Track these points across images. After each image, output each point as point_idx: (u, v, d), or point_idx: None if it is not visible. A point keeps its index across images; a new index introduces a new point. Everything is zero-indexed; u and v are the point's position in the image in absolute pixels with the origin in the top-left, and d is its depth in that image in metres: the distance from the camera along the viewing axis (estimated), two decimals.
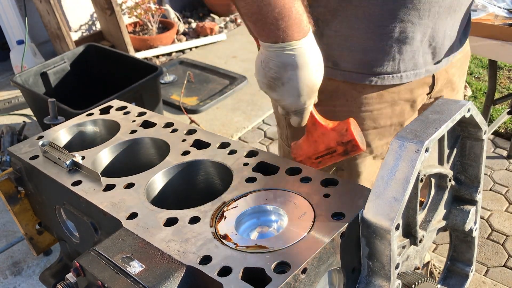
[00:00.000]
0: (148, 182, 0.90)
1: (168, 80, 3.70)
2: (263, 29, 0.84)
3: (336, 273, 0.75)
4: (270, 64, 0.87)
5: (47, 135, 1.12)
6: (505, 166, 2.57)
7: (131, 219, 0.80)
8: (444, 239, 2.15)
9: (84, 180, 0.92)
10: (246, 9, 0.83)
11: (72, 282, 0.76)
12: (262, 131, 3.08)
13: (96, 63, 3.11)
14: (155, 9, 4.27)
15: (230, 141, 0.98)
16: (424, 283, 0.80)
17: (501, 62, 3.27)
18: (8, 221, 2.53)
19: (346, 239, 0.72)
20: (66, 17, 4.06)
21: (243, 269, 0.66)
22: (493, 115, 2.89)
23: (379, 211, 0.70)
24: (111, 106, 1.21)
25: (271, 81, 0.89)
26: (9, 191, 1.10)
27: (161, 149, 1.03)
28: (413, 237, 0.80)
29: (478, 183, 0.89)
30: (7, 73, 3.99)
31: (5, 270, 2.25)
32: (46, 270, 1.17)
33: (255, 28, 0.85)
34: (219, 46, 4.24)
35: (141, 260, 0.71)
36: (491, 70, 2.38)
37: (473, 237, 0.95)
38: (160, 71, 2.75)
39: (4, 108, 3.52)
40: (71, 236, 1.03)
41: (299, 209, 0.76)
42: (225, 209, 0.79)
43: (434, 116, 0.75)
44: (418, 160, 0.69)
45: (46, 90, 2.94)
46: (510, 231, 2.20)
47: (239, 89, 3.52)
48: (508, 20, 1.79)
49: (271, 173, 0.86)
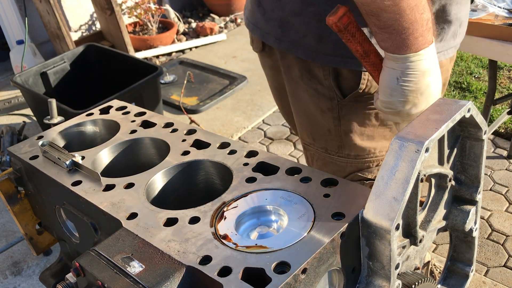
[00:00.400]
0: (148, 182, 0.90)
1: (168, 80, 3.70)
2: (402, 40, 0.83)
3: (336, 273, 0.75)
4: (410, 77, 0.86)
5: (47, 135, 1.12)
6: (505, 166, 2.57)
7: (131, 219, 0.80)
8: (444, 239, 2.15)
9: (84, 180, 0.92)
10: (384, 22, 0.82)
11: (72, 282, 0.76)
12: (262, 131, 3.08)
13: (96, 63, 3.10)
14: (155, 9, 4.27)
15: (230, 141, 0.98)
16: (424, 283, 0.80)
17: (501, 62, 3.27)
18: (8, 221, 2.53)
19: (346, 239, 0.72)
20: (66, 17, 4.06)
21: (243, 269, 0.66)
22: (493, 115, 2.89)
23: (379, 211, 0.70)
24: (111, 106, 1.21)
25: (409, 95, 0.87)
26: (9, 191, 1.10)
27: (161, 149, 1.03)
28: (413, 237, 0.80)
29: (478, 183, 0.89)
30: (7, 73, 3.99)
31: (5, 270, 2.25)
32: (46, 270, 1.17)
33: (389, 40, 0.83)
34: (219, 46, 4.24)
35: (141, 260, 0.71)
36: (491, 70, 2.39)
37: (473, 237, 0.95)
38: (160, 71, 2.75)
39: (4, 108, 3.52)
40: (71, 236, 1.03)
41: (299, 209, 0.76)
42: (225, 209, 0.79)
43: (434, 116, 0.75)
44: (418, 160, 0.69)
45: (46, 90, 2.94)
46: (510, 231, 2.20)
47: (239, 89, 3.52)
48: (508, 20, 1.79)
49: (271, 173, 0.86)
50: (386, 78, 0.89)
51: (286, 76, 1.16)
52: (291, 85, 1.16)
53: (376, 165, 1.17)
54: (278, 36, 1.08)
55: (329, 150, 1.18)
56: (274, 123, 3.12)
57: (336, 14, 0.85)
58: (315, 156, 1.23)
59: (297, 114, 1.22)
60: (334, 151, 1.17)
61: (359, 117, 1.11)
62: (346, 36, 0.88)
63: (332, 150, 1.17)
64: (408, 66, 0.86)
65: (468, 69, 3.42)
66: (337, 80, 1.06)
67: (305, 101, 1.14)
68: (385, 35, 0.84)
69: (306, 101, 1.14)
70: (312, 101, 1.12)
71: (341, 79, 1.06)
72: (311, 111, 1.15)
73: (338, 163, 1.18)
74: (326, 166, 1.21)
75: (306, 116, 1.18)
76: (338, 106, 1.09)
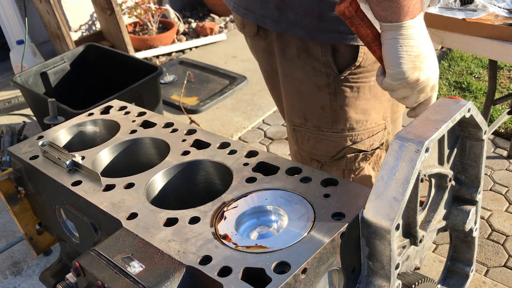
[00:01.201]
0: (148, 182, 0.90)
1: (168, 80, 3.70)
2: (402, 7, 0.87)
3: (336, 273, 0.75)
4: (412, 42, 0.90)
5: (47, 135, 1.12)
6: (505, 166, 2.57)
7: (131, 219, 0.80)
8: (444, 239, 2.15)
9: (84, 180, 0.92)
10: None
11: (72, 282, 0.76)
12: (262, 131, 3.08)
13: (96, 63, 3.10)
14: (155, 9, 4.27)
15: (230, 141, 0.98)
16: (424, 283, 0.80)
17: (501, 62, 3.27)
18: (8, 221, 2.53)
19: (346, 239, 0.72)
20: (66, 17, 4.06)
21: (243, 269, 0.66)
22: (493, 115, 2.89)
23: (379, 211, 0.70)
24: (111, 106, 1.21)
25: (415, 60, 0.91)
26: (9, 191, 1.10)
27: (161, 149, 1.03)
28: (413, 237, 0.80)
29: (478, 183, 0.89)
30: (7, 73, 3.99)
31: (5, 270, 2.25)
32: (46, 270, 1.17)
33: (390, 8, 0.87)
34: (219, 46, 4.24)
35: (141, 260, 0.71)
36: (491, 70, 2.38)
37: (473, 237, 0.95)
38: (160, 71, 2.75)
39: (4, 108, 3.52)
40: (71, 236, 1.03)
41: (299, 209, 0.76)
42: (225, 209, 0.79)
43: (434, 116, 0.75)
44: (418, 160, 0.69)
45: (46, 90, 2.94)
46: (510, 231, 2.20)
47: (239, 89, 3.52)
48: (508, 20, 1.79)
49: (271, 173, 0.86)
50: (390, 49, 0.91)
51: (280, 58, 1.19)
52: (285, 65, 1.19)
53: (367, 137, 1.23)
54: (275, 18, 1.12)
55: (322, 127, 1.22)
56: (274, 123, 3.12)
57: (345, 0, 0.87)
58: (305, 136, 1.26)
59: (289, 95, 1.25)
60: (328, 128, 1.21)
61: (354, 91, 1.16)
62: (357, 21, 0.90)
63: (325, 127, 1.21)
64: (409, 32, 0.89)
65: (468, 69, 3.42)
66: (334, 56, 1.11)
67: (300, 80, 1.18)
68: (386, 3, 0.87)
69: (301, 80, 1.18)
70: (308, 79, 1.16)
71: (338, 55, 1.11)
72: (306, 90, 1.19)
73: (332, 139, 1.22)
74: (318, 144, 1.25)
75: (299, 96, 1.22)
76: (334, 81, 1.14)
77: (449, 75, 3.37)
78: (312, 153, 1.28)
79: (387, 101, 1.21)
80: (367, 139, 1.23)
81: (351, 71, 1.13)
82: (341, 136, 1.21)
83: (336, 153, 1.23)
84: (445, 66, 3.48)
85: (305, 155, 1.31)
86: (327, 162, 1.27)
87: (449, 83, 3.30)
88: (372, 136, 1.23)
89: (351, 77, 1.14)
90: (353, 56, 1.10)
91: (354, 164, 1.25)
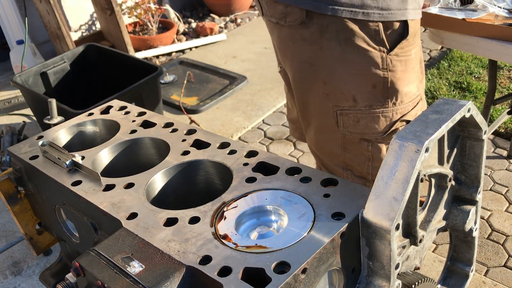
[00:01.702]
0: (148, 182, 0.90)
1: (168, 80, 3.70)
2: None
3: (336, 273, 0.75)
4: None
5: (47, 135, 1.12)
6: (505, 166, 2.57)
7: (131, 219, 0.80)
8: (444, 239, 2.15)
9: (84, 180, 0.92)
10: None
11: (72, 282, 0.76)
12: (262, 131, 3.08)
13: (96, 63, 3.10)
14: (155, 9, 4.27)
15: (230, 141, 0.98)
16: (424, 283, 0.80)
17: (501, 62, 3.27)
18: (8, 221, 2.53)
19: (346, 239, 0.72)
20: (66, 17, 4.06)
21: (243, 269, 0.66)
22: (493, 115, 2.89)
23: (379, 211, 0.70)
24: (111, 106, 1.21)
25: None
26: (9, 191, 1.10)
27: (161, 149, 1.03)
28: (413, 237, 0.80)
29: (478, 183, 0.89)
30: (7, 73, 3.99)
31: (5, 270, 2.25)
32: (46, 270, 1.17)
33: None
34: (219, 46, 4.24)
35: (141, 260, 0.71)
36: (491, 70, 2.38)
37: (473, 237, 0.95)
38: (160, 71, 2.75)
39: (4, 108, 3.52)
40: (71, 236, 1.03)
41: (299, 209, 0.76)
42: (225, 209, 0.79)
43: (434, 116, 0.75)
44: (418, 160, 0.69)
45: (46, 90, 2.94)
46: (510, 231, 2.20)
47: (239, 89, 3.52)
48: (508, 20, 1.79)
49: (271, 173, 0.86)
50: None
51: (332, 43, 1.23)
52: (338, 50, 1.24)
53: (412, 108, 1.31)
54: (330, 2, 1.18)
55: (374, 105, 1.28)
56: (274, 123, 3.12)
57: None
58: (355, 118, 1.31)
59: (339, 80, 1.28)
60: (380, 105, 1.28)
61: (402, 65, 1.24)
62: None
63: (377, 104, 1.28)
64: None
65: (468, 69, 3.41)
66: (386, 33, 1.20)
67: (354, 62, 1.24)
68: None
69: (354, 61, 1.24)
70: (363, 59, 1.23)
71: (389, 32, 1.20)
72: (359, 70, 1.25)
73: (384, 115, 1.29)
74: (370, 123, 1.31)
75: (350, 78, 1.27)
76: (387, 58, 1.23)
77: (449, 75, 3.37)
78: (364, 132, 1.32)
79: (420, 73, 1.32)
80: (413, 110, 1.31)
81: (401, 46, 1.21)
82: (392, 110, 1.28)
83: (389, 128, 1.30)
84: (445, 66, 3.48)
85: (353, 137, 1.34)
86: (378, 139, 1.33)
87: (449, 83, 3.30)
88: (415, 106, 1.32)
89: (400, 51, 1.22)
90: (402, 31, 1.20)
91: None
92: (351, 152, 1.36)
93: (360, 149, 1.35)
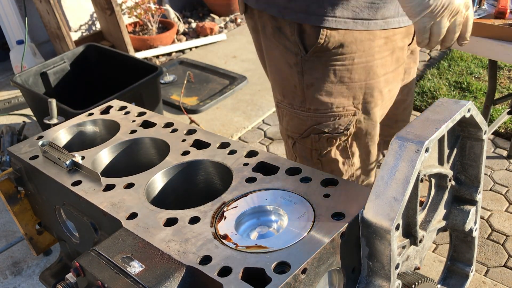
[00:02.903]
0: (148, 182, 0.90)
1: (168, 80, 3.70)
2: None
3: (336, 273, 0.75)
4: None
5: (47, 135, 1.12)
6: (505, 166, 2.57)
7: (131, 219, 0.80)
8: (444, 239, 2.15)
9: (84, 180, 0.92)
10: None
11: (72, 282, 0.76)
12: (262, 131, 3.08)
13: (96, 63, 3.10)
14: (155, 9, 4.27)
15: (230, 141, 0.98)
16: (424, 283, 0.80)
17: (501, 62, 3.27)
18: (8, 221, 2.53)
19: (346, 239, 0.72)
20: (66, 17, 4.06)
21: (243, 269, 0.66)
22: (493, 115, 2.89)
23: (379, 211, 0.70)
24: (111, 106, 1.21)
25: None
26: (9, 191, 1.10)
27: (161, 149, 1.03)
28: (413, 237, 0.80)
29: (478, 183, 0.89)
30: (7, 73, 3.99)
31: (5, 270, 2.25)
32: (46, 270, 1.17)
33: None
34: (219, 46, 4.24)
35: (141, 260, 0.71)
36: (491, 70, 2.38)
37: (473, 237, 0.95)
38: (160, 71, 2.75)
39: (4, 108, 3.52)
40: (71, 236, 1.03)
41: (299, 209, 0.76)
42: (225, 209, 0.79)
43: (434, 116, 0.75)
44: (418, 160, 0.69)
45: (46, 90, 2.94)
46: (510, 231, 2.20)
47: (239, 89, 3.52)
48: (508, 20, 1.79)
49: (271, 173, 0.86)
50: None
51: (262, 35, 1.27)
52: (266, 43, 1.27)
53: (332, 120, 1.27)
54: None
55: (294, 105, 1.28)
56: (274, 123, 3.12)
57: None
58: (284, 112, 1.33)
59: (271, 72, 1.32)
60: (298, 106, 1.27)
61: (319, 72, 1.20)
62: None
63: (296, 104, 1.27)
64: None
65: (468, 69, 3.41)
66: (301, 36, 1.16)
67: (277, 58, 1.25)
68: None
69: (277, 58, 1.25)
70: (282, 57, 1.23)
71: (305, 35, 1.16)
72: (281, 68, 1.25)
73: (300, 117, 1.29)
74: (291, 121, 1.32)
75: (278, 73, 1.29)
76: (301, 61, 1.20)
77: (449, 75, 3.37)
78: (287, 129, 1.34)
79: (358, 89, 1.23)
80: (331, 122, 1.26)
81: (316, 52, 1.17)
82: (307, 115, 1.26)
83: (303, 131, 1.29)
84: (445, 66, 3.48)
85: (283, 131, 1.38)
86: (297, 140, 1.33)
87: (449, 83, 3.30)
88: (337, 120, 1.26)
89: (317, 58, 1.18)
90: (316, 36, 1.15)
91: (318, 144, 1.29)
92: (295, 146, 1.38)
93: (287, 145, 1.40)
